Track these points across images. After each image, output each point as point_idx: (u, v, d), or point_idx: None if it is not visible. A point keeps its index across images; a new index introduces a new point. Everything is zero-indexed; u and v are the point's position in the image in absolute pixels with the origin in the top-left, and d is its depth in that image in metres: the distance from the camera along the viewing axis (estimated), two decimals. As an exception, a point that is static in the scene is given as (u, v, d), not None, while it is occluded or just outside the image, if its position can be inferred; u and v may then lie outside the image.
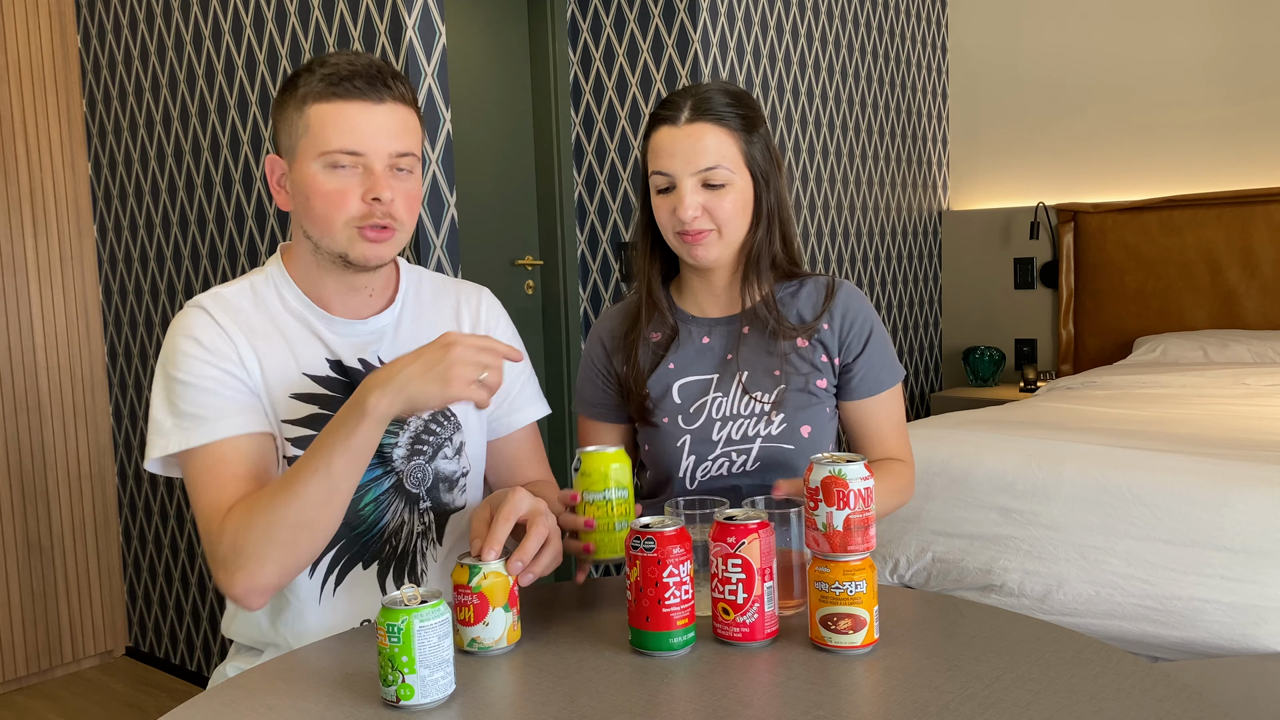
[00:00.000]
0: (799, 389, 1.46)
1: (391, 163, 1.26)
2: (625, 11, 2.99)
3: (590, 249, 3.15)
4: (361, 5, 2.29)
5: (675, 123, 1.42)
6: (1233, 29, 3.46)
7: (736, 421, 1.46)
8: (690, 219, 1.40)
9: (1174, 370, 3.03)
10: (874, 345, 1.50)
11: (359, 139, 1.24)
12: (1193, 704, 0.92)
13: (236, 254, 2.69)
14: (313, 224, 1.28)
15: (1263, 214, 3.36)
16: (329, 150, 1.24)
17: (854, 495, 1.05)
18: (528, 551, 1.11)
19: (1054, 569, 1.99)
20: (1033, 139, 3.90)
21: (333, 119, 1.24)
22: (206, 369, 1.25)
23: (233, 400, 1.25)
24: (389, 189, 1.24)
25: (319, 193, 1.25)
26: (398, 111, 1.26)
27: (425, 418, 1.36)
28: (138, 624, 3.23)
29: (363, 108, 1.24)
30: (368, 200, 1.24)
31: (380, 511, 1.33)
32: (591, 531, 1.19)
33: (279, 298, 1.34)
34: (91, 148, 3.14)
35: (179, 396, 1.24)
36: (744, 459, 1.46)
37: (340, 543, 1.32)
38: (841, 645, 1.05)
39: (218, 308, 1.30)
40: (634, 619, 1.08)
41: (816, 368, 1.48)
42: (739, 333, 1.50)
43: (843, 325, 1.49)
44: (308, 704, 0.99)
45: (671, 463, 1.49)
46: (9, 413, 2.99)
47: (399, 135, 1.26)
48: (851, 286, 1.52)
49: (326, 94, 1.24)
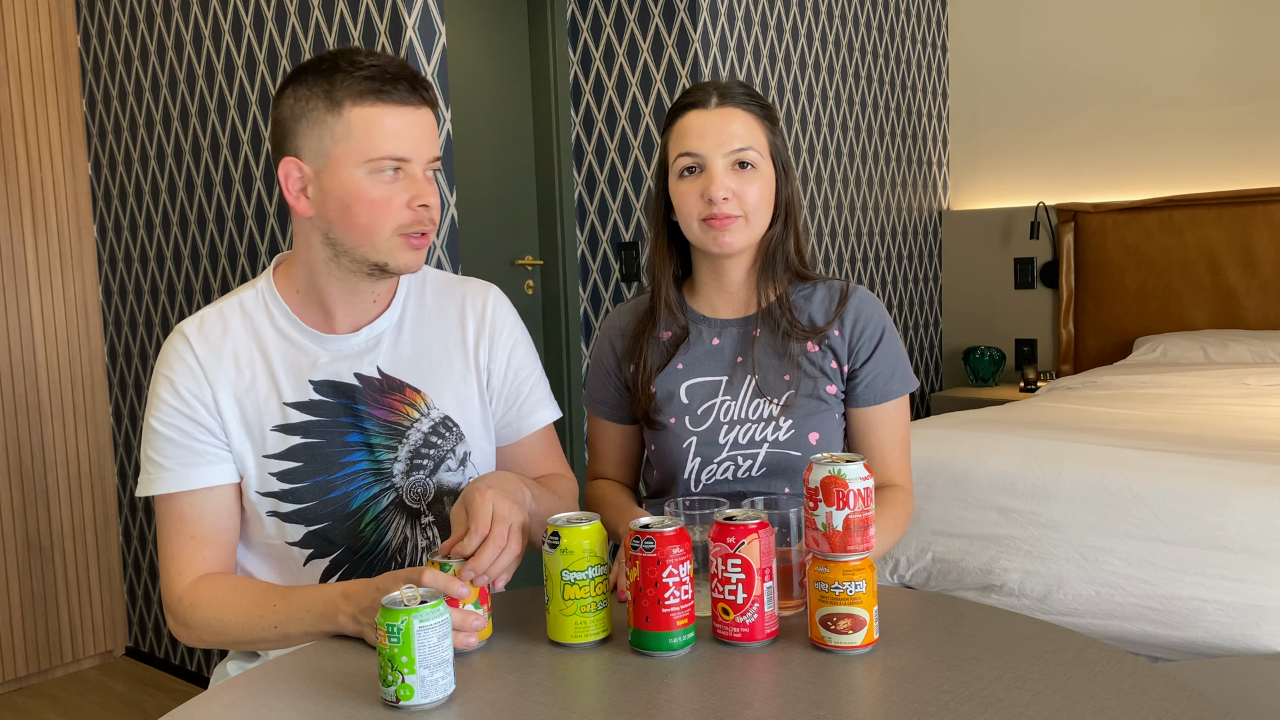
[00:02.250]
0: (808, 394, 1.45)
1: (427, 167, 1.25)
2: (625, 11, 2.99)
3: (590, 249, 3.15)
4: (361, 5, 2.29)
5: (705, 106, 1.43)
6: (1233, 29, 3.46)
7: (744, 426, 1.45)
8: (721, 199, 1.39)
9: (1174, 370, 3.03)
10: (883, 352, 1.48)
11: (407, 145, 1.21)
12: (1193, 704, 0.92)
13: (236, 254, 2.69)
14: (351, 231, 1.23)
15: (1263, 214, 3.35)
16: (377, 156, 1.20)
17: (854, 495, 1.05)
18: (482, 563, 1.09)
19: (1054, 569, 1.99)
20: (1033, 139, 3.90)
21: (379, 123, 1.20)
22: (178, 418, 1.28)
23: (200, 453, 1.28)
24: (434, 194, 1.24)
25: (364, 200, 1.21)
26: (430, 116, 1.26)
27: (425, 429, 1.34)
28: (137, 624, 3.23)
29: (407, 112, 1.22)
30: (414, 207, 1.22)
31: (382, 531, 1.32)
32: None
33: (268, 317, 1.32)
34: (91, 148, 3.14)
35: (151, 444, 1.29)
36: (750, 464, 1.44)
37: (345, 566, 1.32)
38: (841, 645, 1.05)
39: (202, 340, 1.29)
40: (634, 619, 1.08)
41: (826, 374, 1.47)
42: (751, 335, 1.49)
43: (853, 331, 1.48)
44: (308, 704, 0.99)
45: (676, 464, 1.47)
46: (9, 413, 2.99)
47: (434, 139, 1.25)
48: (866, 292, 1.51)
49: (370, 96, 1.20)
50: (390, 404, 1.32)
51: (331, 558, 1.31)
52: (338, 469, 1.30)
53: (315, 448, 1.29)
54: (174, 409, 1.28)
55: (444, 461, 1.35)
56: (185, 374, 1.28)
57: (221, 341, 1.30)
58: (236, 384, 1.29)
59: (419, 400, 1.34)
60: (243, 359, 1.30)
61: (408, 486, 1.33)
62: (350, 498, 1.30)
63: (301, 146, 1.23)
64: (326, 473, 1.29)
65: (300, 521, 1.29)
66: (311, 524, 1.29)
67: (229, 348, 1.29)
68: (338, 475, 1.30)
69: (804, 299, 1.50)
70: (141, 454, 1.30)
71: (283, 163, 1.25)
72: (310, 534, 1.30)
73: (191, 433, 1.27)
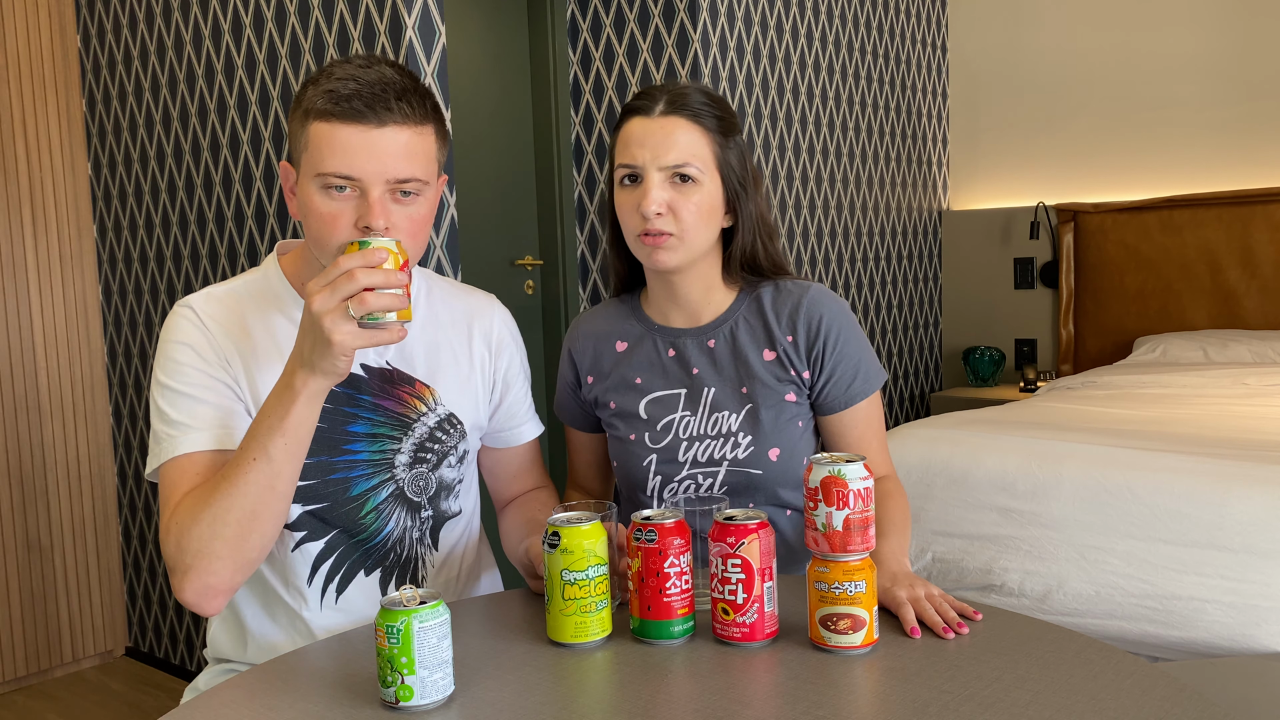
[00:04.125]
0: (767, 407, 1.40)
1: (391, 188, 1.19)
2: (625, 11, 2.99)
3: (590, 249, 3.15)
4: (361, 5, 2.28)
5: (649, 113, 1.35)
6: (1232, 29, 3.46)
7: (703, 443, 1.41)
8: (653, 214, 1.32)
9: (1174, 370, 3.03)
10: (844, 352, 1.40)
11: (351, 164, 1.17)
12: (1193, 704, 0.92)
13: (236, 254, 2.69)
14: (311, 241, 1.24)
15: (1263, 214, 3.35)
16: (323, 172, 1.18)
17: (853, 495, 1.05)
18: None
19: (1054, 569, 1.99)
20: (1033, 139, 3.90)
21: (328, 140, 1.18)
22: (195, 375, 1.24)
23: (220, 407, 1.24)
24: (383, 217, 1.18)
25: (314, 213, 1.20)
26: (400, 135, 1.18)
27: (431, 424, 1.35)
28: (137, 624, 3.23)
29: (360, 131, 1.17)
30: (359, 228, 1.18)
31: (383, 520, 1.33)
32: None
33: (274, 299, 1.32)
34: (91, 148, 3.14)
35: (173, 407, 1.24)
36: (710, 481, 1.41)
37: (340, 549, 1.32)
38: (841, 645, 1.05)
39: (208, 309, 1.29)
40: (635, 608, 1.09)
41: (785, 382, 1.41)
42: (705, 345, 1.44)
43: (809, 334, 1.40)
44: (308, 704, 0.99)
45: (637, 481, 1.44)
46: (9, 413, 2.99)
47: (400, 160, 1.18)
48: (821, 290, 1.43)
49: (325, 113, 1.18)
50: (400, 395, 1.33)
51: (325, 539, 1.31)
52: (339, 453, 1.30)
53: (318, 429, 1.29)
54: (195, 369, 1.24)
55: (446, 457, 1.37)
56: (200, 336, 1.26)
57: (230, 315, 1.29)
58: (245, 353, 1.28)
59: (427, 395, 1.35)
60: (253, 333, 1.29)
61: (410, 479, 1.34)
62: (350, 483, 1.31)
63: (290, 151, 1.27)
64: (328, 454, 1.30)
65: (298, 500, 1.29)
66: (309, 503, 1.30)
67: (236, 321, 1.29)
68: (339, 459, 1.30)
69: (757, 303, 1.44)
70: (155, 426, 1.24)
71: (282, 165, 1.29)
72: (306, 514, 1.30)
73: (212, 387, 1.24)
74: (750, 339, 1.42)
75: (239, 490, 1.13)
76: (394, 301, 1.09)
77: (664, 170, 1.33)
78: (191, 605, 1.16)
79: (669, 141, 1.33)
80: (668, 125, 1.34)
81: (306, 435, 1.15)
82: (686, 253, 1.36)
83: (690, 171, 1.33)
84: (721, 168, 1.37)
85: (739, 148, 1.40)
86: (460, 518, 1.41)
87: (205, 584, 1.14)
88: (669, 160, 1.33)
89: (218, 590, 1.16)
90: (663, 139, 1.33)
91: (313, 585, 1.31)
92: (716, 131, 1.36)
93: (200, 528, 1.14)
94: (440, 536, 1.39)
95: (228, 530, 1.13)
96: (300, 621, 1.32)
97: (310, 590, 1.31)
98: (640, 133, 1.35)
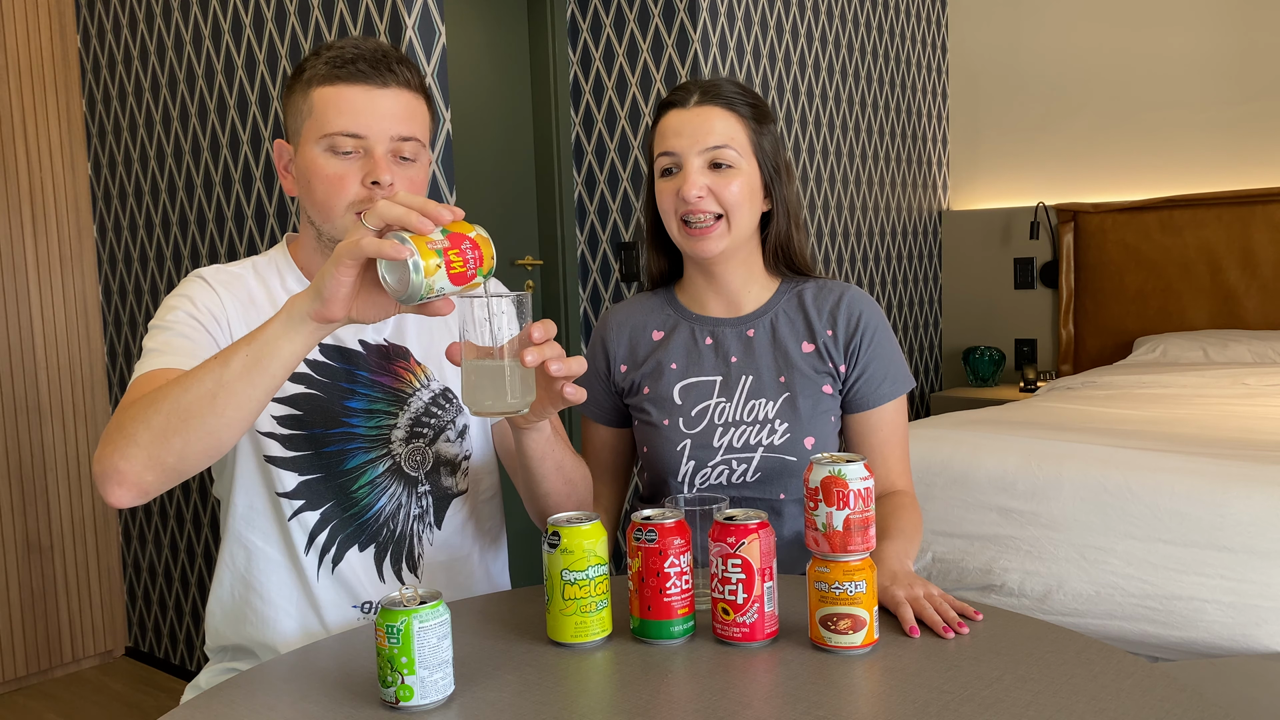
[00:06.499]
0: (805, 395, 1.43)
1: (394, 148, 1.25)
2: (625, 11, 2.99)
3: (590, 249, 3.15)
4: (361, 5, 2.29)
5: (684, 105, 1.41)
6: (1233, 29, 3.46)
7: (738, 429, 1.43)
8: (695, 198, 1.38)
9: (1174, 370, 3.03)
10: (878, 352, 1.45)
11: (360, 121, 1.24)
12: (1193, 704, 0.92)
13: (236, 254, 2.69)
14: (314, 208, 1.28)
15: (1263, 214, 3.35)
16: (330, 132, 1.24)
17: (854, 495, 1.05)
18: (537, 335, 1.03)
19: (1054, 569, 1.99)
20: (1033, 139, 3.90)
21: (334, 101, 1.24)
22: (189, 320, 1.26)
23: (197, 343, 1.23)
24: (389, 173, 1.24)
25: (319, 176, 1.25)
26: (401, 96, 1.26)
27: (426, 399, 1.35)
28: (137, 624, 3.23)
29: (364, 91, 1.24)
30: (367, 184, 1.24)
31: (377, 494, 1.33)
32: None
33: (280, 279, 1.35)
34: (91, 148, 3.14)
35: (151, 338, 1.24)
36: (745, 468, 1.43)
37: (333, 522, 1.32)
38: (841, 645, 1.05)
39: (218, 279, 1.32)
40: (635, 608, 1.09)
41: (822, 374, 1.45)
42: (745, 335, 1.47)
43: (848, 331, 1.45)
44: (308, 704, 0.99)
45: (670, 467, 1.46)
46: (9, 413, 2.99)
47: (402, 119, 1.26)
48: (860, 292, 1.49)
49: (330, 77, 1.25)
50: (395, 370, 1.36)
51: (320, 511, 1.31)
52: (336, 425, 1.32)
53: (315, 400, 1.31)
54: (185, 314, 1.26)
55: (443, 431, 1.37)
56: (206, 297, 1.29)
57: (238, 287, 1.32)
58: (249, 320, 1.30)
59: (420, 371, 1.37)
60: (256, 305, 1.32)
61: (406, 454, 1.34)
62: (346, 456, 1.32)
63: (287, 128, 1.32)
64: (325, 426, 1.31)
65: (294, 469, 1.30)
66: (305, 473, 1.30)
67: (244, 293, 1.32)
68: (335, 431, 1.32)
69: (799, 298, 1.49)
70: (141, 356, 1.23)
71: (276, 142, 1.34)
72: (302, 484, 1.31)
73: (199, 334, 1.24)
74: (790, 331, 1.46)
75: (182, 386, 1.05)
76: (415, 223, 0.97)
77: (703, 155, 1.39)
78: (97, 482, 1.08)
79: (706, 127, 1.39)
80: (704, 114, 1.40)
81: (272, 361, 1.03)
82: (732, 237, 1.41)
83: (729, 155, 1.39)
84: (758, 153, 1.43)
85: (773, 136, 1.45)
86: (466, 496, 1.40)
87: (115, 465, 1.06)
88: (707, 145, 1.39)
89: (125, 477, 1.06)
90: (700, 125, 1.39)
91: (309, 556, 1.32)
92: (751, 119, 1.42)
93: (136, 409, 1.07)
94: (445, 516, 1.38)
95: (156, 419, 1.05)
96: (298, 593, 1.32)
97: (307, 560, 1.32)
98: (677, 123, 1.41)
